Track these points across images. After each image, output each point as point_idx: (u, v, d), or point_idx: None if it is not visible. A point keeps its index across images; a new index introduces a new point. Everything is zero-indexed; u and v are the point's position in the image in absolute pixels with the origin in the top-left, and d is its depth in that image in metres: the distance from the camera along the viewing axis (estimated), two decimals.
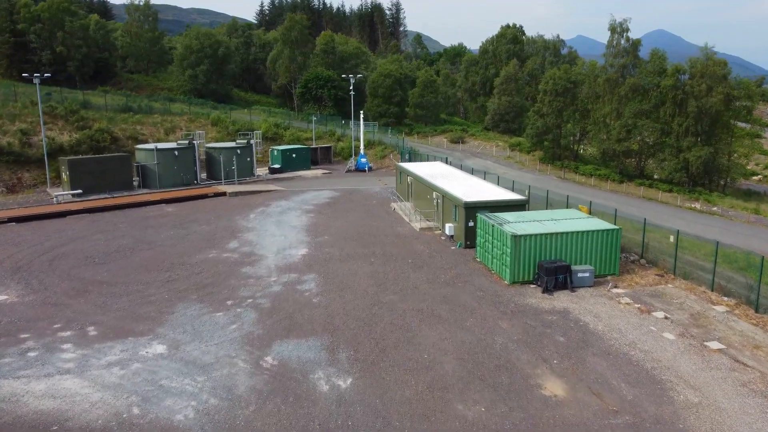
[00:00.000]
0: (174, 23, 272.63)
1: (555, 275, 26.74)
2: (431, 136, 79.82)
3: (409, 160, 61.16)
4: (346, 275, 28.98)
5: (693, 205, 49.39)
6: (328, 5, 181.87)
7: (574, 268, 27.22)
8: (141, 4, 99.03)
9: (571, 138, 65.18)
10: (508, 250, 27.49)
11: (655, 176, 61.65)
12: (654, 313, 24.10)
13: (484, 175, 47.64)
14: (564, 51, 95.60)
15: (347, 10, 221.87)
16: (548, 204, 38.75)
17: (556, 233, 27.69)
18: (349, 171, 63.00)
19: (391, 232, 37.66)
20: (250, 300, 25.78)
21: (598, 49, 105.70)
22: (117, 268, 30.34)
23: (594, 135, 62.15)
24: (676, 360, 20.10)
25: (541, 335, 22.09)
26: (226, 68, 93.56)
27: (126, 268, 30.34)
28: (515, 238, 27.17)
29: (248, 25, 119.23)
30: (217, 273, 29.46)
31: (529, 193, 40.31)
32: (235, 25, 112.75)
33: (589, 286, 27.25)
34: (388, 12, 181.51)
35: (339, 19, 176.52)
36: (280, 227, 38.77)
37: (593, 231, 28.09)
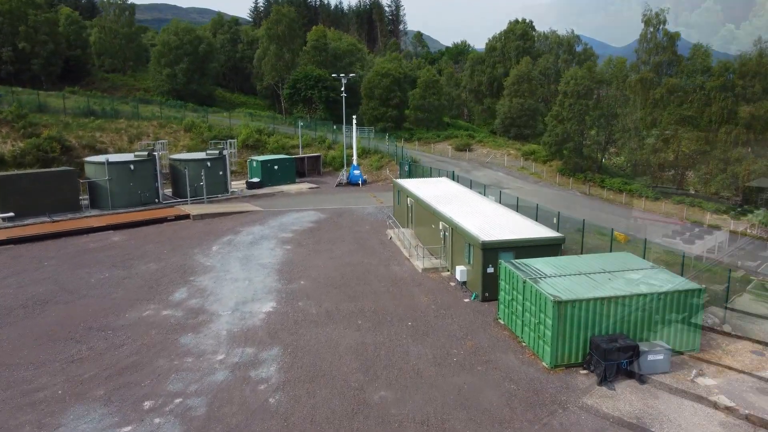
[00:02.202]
0: None
1: (617, 360, 18.76)
2: (434, 143, 71.58)
3: (409, 173, 53.13)
4: (322, 351, 20.98)
5: (750, 232, 41.27)
6: (325, 2, 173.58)
7: (642, 347, 19.22)
8: None
9: (596, 147, 56.96)
10: (549, 321, 19.50)
11: (691, 190, 53.56)
12: None
13: (500, 194, 39.65)
14: (579, 48, 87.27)
15: (345, 7, 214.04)
16: (584, 236, 30.69)
17: (615, 297, 19.67)
18: (340, 185, 54.91)
19: (386, 273, 29.64)
20: (178, 400, 17.77)
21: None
22: (11, 336, 22.32)
23: (623, 144, 53.93)
24: None
25: None
26: (209, 67, 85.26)
27: (24, 336, 22.32)
28: (559, 304, 19.17)
29: (234, 20, 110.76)
30: (146, 346, 21.45)
31: (558, 221, 32.23)
32: (221, 21, 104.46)
33: (664, 372, 19.28)
34: (387, 9, 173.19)
35: (336, 17, 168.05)
36: (246, 266, 30.72)
37: (667, 293, 20.08)
